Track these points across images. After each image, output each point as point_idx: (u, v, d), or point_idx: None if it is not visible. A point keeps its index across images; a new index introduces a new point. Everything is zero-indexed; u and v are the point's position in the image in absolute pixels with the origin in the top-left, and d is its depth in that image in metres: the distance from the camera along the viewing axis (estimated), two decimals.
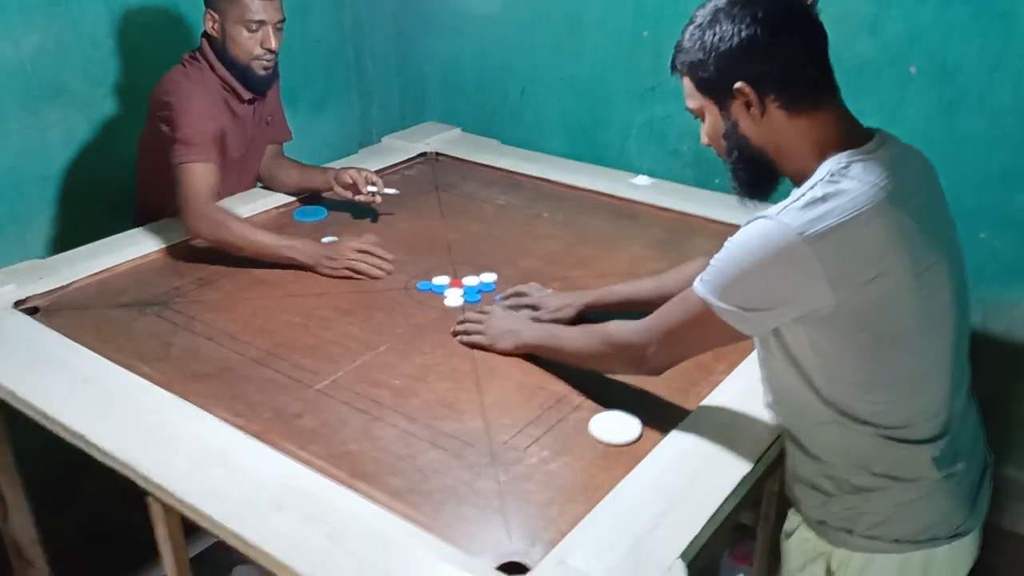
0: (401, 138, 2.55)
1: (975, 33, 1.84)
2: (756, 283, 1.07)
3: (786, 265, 1.03)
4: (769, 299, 1.07)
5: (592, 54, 2.44)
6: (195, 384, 1.43)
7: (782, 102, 1.10)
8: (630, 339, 1.25)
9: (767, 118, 1.11)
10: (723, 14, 1.10)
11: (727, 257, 1.10)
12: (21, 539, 1.75)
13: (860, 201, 1.03)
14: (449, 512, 1.16)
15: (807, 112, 1.10)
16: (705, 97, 1.15)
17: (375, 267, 1.78)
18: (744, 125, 1.13)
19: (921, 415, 1.12)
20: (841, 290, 1.03)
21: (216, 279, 1.78)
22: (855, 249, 1.03)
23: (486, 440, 1.30)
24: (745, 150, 1.15)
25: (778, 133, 1.12)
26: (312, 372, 1.46)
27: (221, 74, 1.93)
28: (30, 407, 1.36)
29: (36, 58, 2.08)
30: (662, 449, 1.24)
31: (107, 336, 1.56)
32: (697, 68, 1.13)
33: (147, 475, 1.20)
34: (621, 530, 1.09)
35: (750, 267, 1.06)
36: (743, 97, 1.10)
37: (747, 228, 1.08)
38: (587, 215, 2.08)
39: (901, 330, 1.08)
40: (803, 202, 1.04)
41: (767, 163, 1.15)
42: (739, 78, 1.09)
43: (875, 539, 1.15)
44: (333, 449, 1.28)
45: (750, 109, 1.11)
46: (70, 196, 2.20)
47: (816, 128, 1.10)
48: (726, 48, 1.09)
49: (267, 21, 1.87)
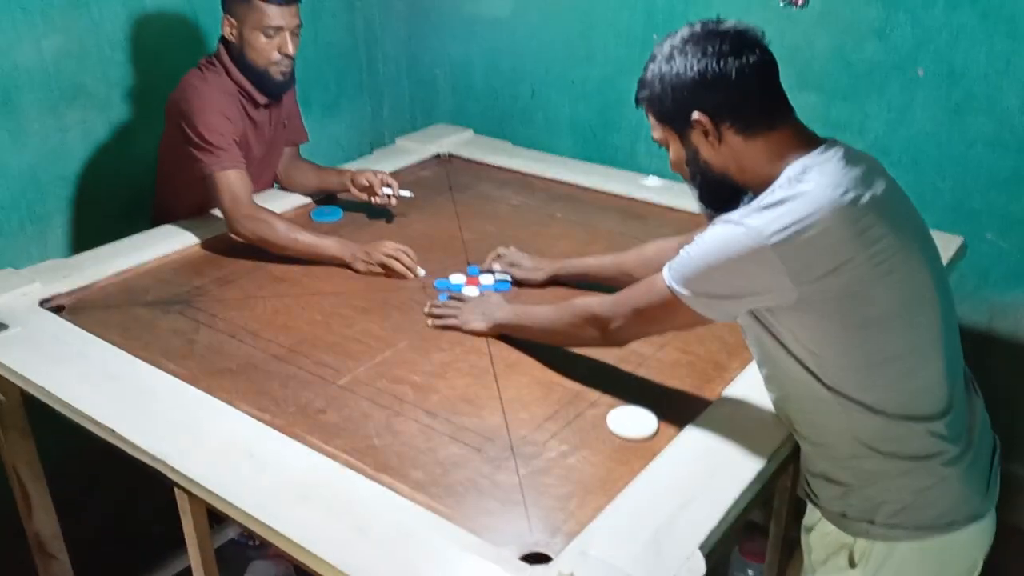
0: (414, 140, 2.57)
1: (983, 36, 1.87)
2: (721, 277, 1.15)
3: (749, 263, 1.11)
4: (733, 290, 1.15)
5: (602, 56, 2.47)
6: (219, 380, 1.46)
7: (737, 127, 1.18)
8: (597, 311, 1.35)
9: (724, 144, 1.19)
10: (677, 51, 1.18)
11: (695, 252, 1.17)
12: (44, 533, 1.78)
13: (817, 201, 1.09)
14: (471, 504, 1.19)
15: (762, 133, 1.18)
16: (666, 128, 1.24)
17: (406, 267, 1.80)
18: (704, 152, 1.21)
19: (921, 393, 1.16)
20: (802, 284, 1.09)
21: (236, 278, 1.81)
22: (813, 245, 1.09)
23: (505, 435, 1.32)
24: (707, 174, 1.23)
25: (737, 155, 1.20)
26: (334, 368, 1.49)
27: (237, 79, 1.95)
28: (60, 403, 1.39)
29: (57, 60, 2.11)
30: (678, 444, 1.27)
31: (132, 334, 1.59)
32: (656, 102, 1.22)
33: (176, 467, 1.23)
34: (640, 522, 1.11)
35: (715, 264, 1.14)
36: (700, 127, 1.19)
37: (713, 230, 1.16)
38: (599, 216, 2.11)
39: (880, 312, 1.12)
40: (764, 205, 1.12)
41: (729, 183, 1.23)
42: (695, 109, 1.18)
43: (896, 527, 1.18)
44: (356, 443, 1.30)
45: (708, 137, 1.19)
46: (89, 196, 2.24)
47: (772, 146, 1.18)
48: (681, 82, 1.18)
49: (284, 27, 1.90)
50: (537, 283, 1.76)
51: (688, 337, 1.56)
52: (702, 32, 1.19)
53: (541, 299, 1.70)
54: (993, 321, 2.05)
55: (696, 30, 1.19)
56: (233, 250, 1.92)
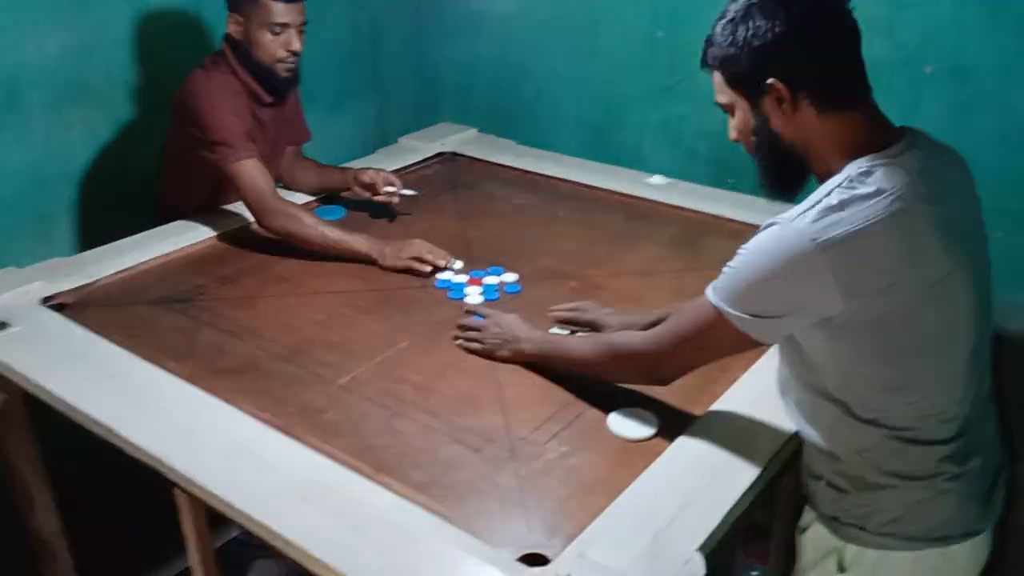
0: (418, 138, 2.57)
1: (990, 33, 1.85)
2: (768, 290, 1.08)
3: (798, 272, 1.04)
4: (781, 306, 1.08)
5: (607, 54, 2.46)
6: (221, 379, 1.45)
7: (813, 100, 1.09)
8: (639, 348, 1.26)
9: (798, 115, 1.11)
10: (756, 9, 1.09)
11: (740, 264, 1.10)
12: (46, 533, 1.78)
13: (876, 210, 1.03)
14: (470, 505, 1.18)
15: (837, 111, 1.10)
16: (736, 92, 1.15)
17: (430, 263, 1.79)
18: (775, 121, 1.13)
19: (935, 418, 1.12)
20: (852, 299, 1.03)
21: (238, 277, 1.81)
22: (867, 259, 1.03)
23: (505, 435, 1.32)
24: (775, 146, 1.15)
25: (808, 131, 1.11)
26: (335, 368, 1.49)
27: (243, 78, 1.95)
28: (60, 401, 1.39)
29: (60, 58, 2.11)
30: (679, 445, 1.26)
31: (133, 332, 1.59)
32: (729, 63, 1.13)
33: (175, 467, 1.22)
34: (639, 524, 1.10)
35: (763, 274, 1.07)
36: (775, 93, 1.10)
37: (761, 234, 1.09)
38: (603, 214, 2.10)
39: (916, 338, 1.08)
40: (819, 209, 1.04)
41: (796, 160, 1.15)
42: (772, 74, 1.09)
43: (888, 536, 1.16)
44: (356, 443, 1.30)
45: (782, 105, 1.11)
46: (92, 194, 2.23)
47: (845, 128, 1.10)
48: (759, 44, 1.09)
49: (291, 24, 1.90)
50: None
51: None
52: None
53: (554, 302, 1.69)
54: (1003, 321, 2.02)
55: None
56: (236, 248, 1.92)
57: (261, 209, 1.87)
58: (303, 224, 1.85)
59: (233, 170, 1.86)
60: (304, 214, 1.87)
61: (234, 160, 1.86)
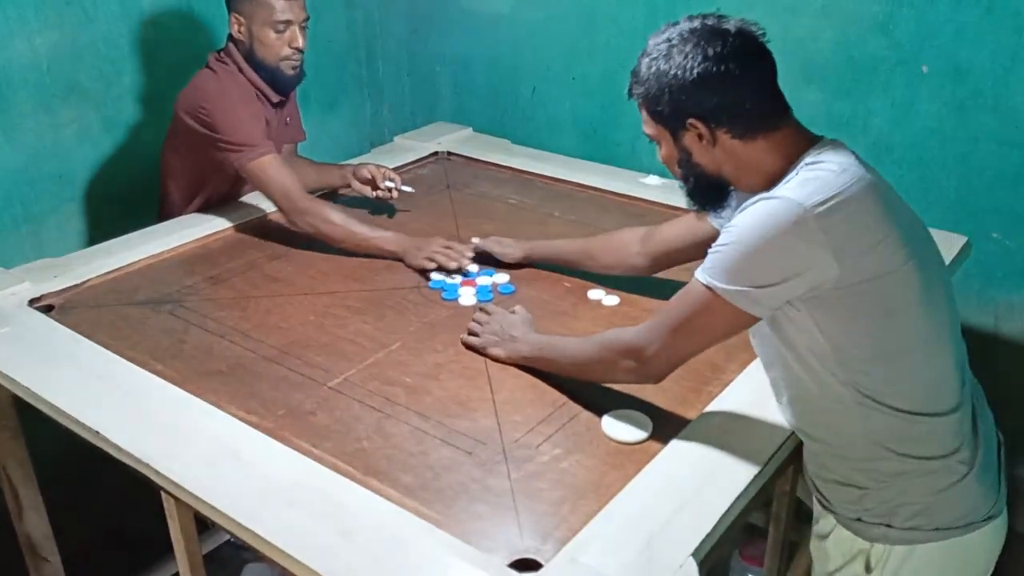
0: (413, 137, 2.55)
1: (987, 32, 1.84)
2: (764, 258, 1.08)
3: (793, 237, 1.05)
4: (777, 273, 1.07)
5: (603, 53, 2.44)
6: (208, 381, 1.43)
7: (734, 133, 1.14)
8: (630, 341, 1.25)
9: (719, 147, 1.16)
10: (676, 49, 1.14)
11: (731, 239, 1.10)
12: (35, 535, 1.76)
13: (847, 178, 1.07)
14: (461, 509, 1.16)
15: (761, 136, 1.14)
16: (658, 126, 1.20)
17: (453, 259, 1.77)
18: (697, 154, 1.18)
19: (934, 386, 1.14)
20: (844, 259, 1.05)
21: (228, 277, 1.79)
22: (856, 219, 1.06)
23: (498, 438, 1.30)
24: (699, 176, 1.21)
25: (733, 158, 1.16)
26: (325, 370, 1.47)
27: (251, 78, 1.94)
28: (45, 403, 1.37)
29: (51, 56, 2.09)
30: (673, 448, 1.24)
31: (121, 334, 1.57)
32: (651, 100, 1.18)
33: (161, 471, 1.20)
34: (633, 528, 1.09)
35: (758, 243, 1.07)
36: (695, 130, 1.15)
37: (748, 210, 1.10)
38: (598, 214, 2.08)
39: (902, 301, 1.10)
40: (797, 182, 1.08)
41: (721, 184, 1.21)
42: (691, 112, 1.14)
43: (915, 529, 1.16)
44: (346, 446, 1.28)
45: (702, 140, 1.16)
46: (84, 195, 2.22)
47: (775, 145, 1.15)
48: (678, 83, 1.13)
49: (293, 21, 1.88)
50: (513, 261, 1.80)
51: None
52: (703, 30, 1.14)
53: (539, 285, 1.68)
54: (999, 321, 2.02)
55: (696, 26, 1.15)
56: (226, 249, 1.91)
57: (290, 207, 1.86)
58: (331, 224, 1.83)
59: (254, 168, 1.85)
60: (332, 212, 1.85)
61: (256, 157, 1.85)
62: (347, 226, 1.83)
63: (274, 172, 1.85)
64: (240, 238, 1.95)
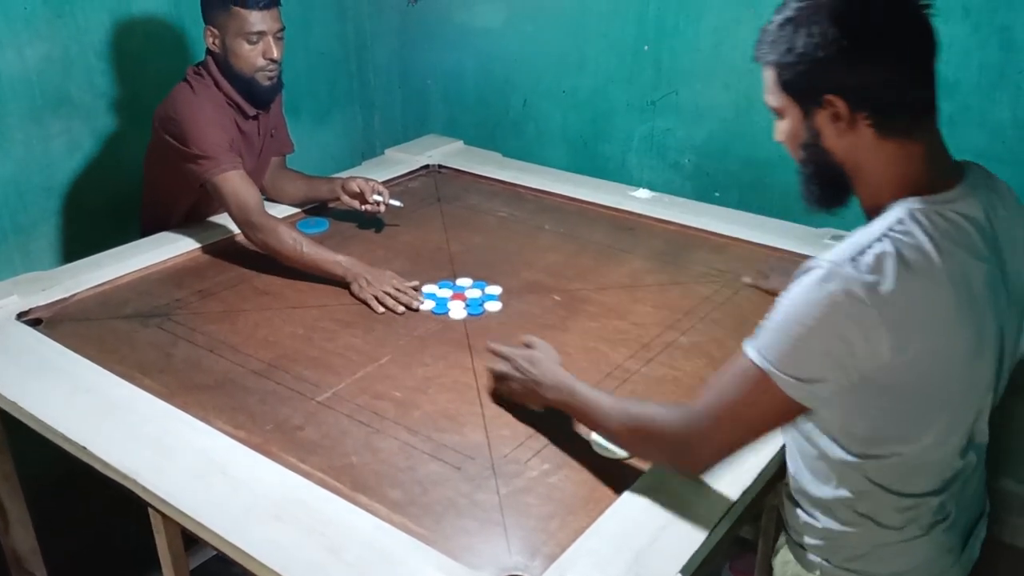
0: (403, 150, 2.55)
1: (974, 47, 1.85)
2: (820, 344, 0.95)
3: (852, 322, 0.93)
4: (833, 363, 0.95)
5: (593, 67, 2.46)
6: (196, 395, 1.43)
7: (874, 121, 0.99)
8: (670, 424, 1.10)
9: (853, 134, 1.00)
10: (826, 12, 0.97)
11: (784, 316, 0.97)
12: (21, 549, 1.75)
13: (932, 262, 0.94)
14: (449, 525, 1.16)
15: (898, 138, 1.00)
16: (788, 98, 1.04)
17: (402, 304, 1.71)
18: (827, 137, 1.02)
19: (923, 472, 1.06)
20: (899, 355, 0.94)
21: (218, 291, 1.79)
22: (921, 314, 0.94)
23: (487, 453, 1.30)
24: (824, 164, 1.05)
25: (861, 153, 1.02)
26: (314, 384, 1.47)
27: (227, 90, 1.93)
28: (32, 418, 1.36)
29: (41, 68, 2.09)
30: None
31: (109, 347, 1.57)
32: (785, 67, 1.01)
33: (147, 486, 1.20)
34: (621, 544, 1.09)
35: (814, 325, 0.94)
36: (832, 109, 1.00)
37: (805, 281, 0.97)
38: (588, 227, 2.09)
39: (942, 399, 1.00)
40: (871, 255, 0.94)
41: (842, 180, 1.05)
42: (831, 89, 0.98)
43: (851, 572, 1.11)
44: (334, 461, 1.28)
45: (837, 123, 1.00)
46: (73, 206, 2.21)
47: (903, 157, 1.01)
48: (823, 54, 0.97)
49: (267, 31, 1.88)
50: None
51: (674, 353, 1.54)
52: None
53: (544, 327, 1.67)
54: None
55: None
56: (215, 262, 1.90)
57: (244, 221, 1.85)
58: (280, 241, 1.81)
59: (217, 182, 1.84)
60: (284, 229, 1.84)
61: (218, 172, 1.84)
62: (297, 246, 1.81)
63: (234, 187, 1.84)
64: (229, 252, 1.95)
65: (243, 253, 1.92)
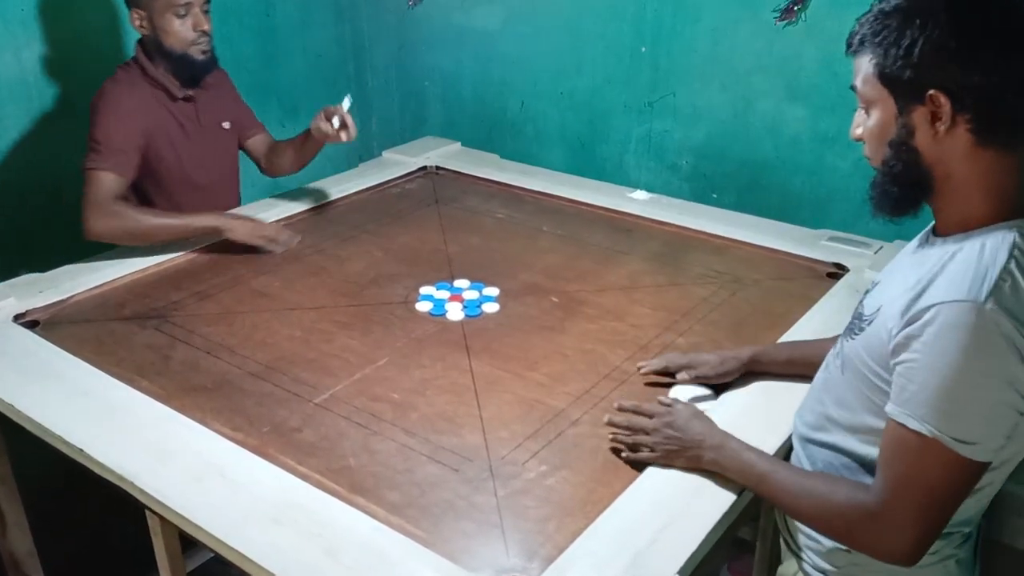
0: (401, 152, 2.55)
1: None
2: (983, 392, 0.90)
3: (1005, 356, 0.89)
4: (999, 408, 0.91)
5: (591, 69, 2.46)
6: (194, 397, 1.43)
7: (975, 126, 0.94)
8: (861, 498, 1.01)
9: (950, 138, 0.95)
10: (943, 6, 0.92)
11: (934, 372, 0.91)
12: (19, 552, 1.75)
13: None
14: (447, 527, 1.16)
15: (996, 147, 0.95)
16: (885, 90, 0.98)
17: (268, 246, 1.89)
18: (921, 137, 0.97)
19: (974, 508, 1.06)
20: None
21: (215, 292, 1.78)
22: None
23: (484, 454, 1.30)
24: (909, 165, 0.99)
25: (954, 159, 0.96)
26: (311, 386, 1.46)
27: (154, 74, 1.91)
28: (29, 420, 1.36)
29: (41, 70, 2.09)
30: None
31: (106, 349, 1.56)
32: (888, 56, 0.96)
33: (145, 489, 1.20)
34: (619, 545, 1.09)
35: (979, 379, 0.89)
36: (933, 107, 0.94)
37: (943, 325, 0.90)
38: (586, 229, 2.09)
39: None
40: (1007, 286, 0.90)
41: (924, 186, 0.99)
42: (938, 85, 0.93)
43: None
44: (332, 463, 1.27)
45: (936, 123, 0.95)
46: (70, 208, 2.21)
47: (1000, 170, 0.96)
48: (935, 48, 0.92)
49: (193, 3, 1.86)
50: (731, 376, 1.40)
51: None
52: None
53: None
54: None
55: None
56: (212, 264, 1.90)
57: (88, 214, 1.82)
58: (137, 218, 1.83)
59: (87, 175, 1.83)
60: (133, 210, 1.84)
61: (92, 166, 1.83)
62: (157, 217, 1.84)
63: (97, 185, 1.83)
64: (226, 253, 1.95)
65: (239, 255, 1.92)
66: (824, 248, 1.88)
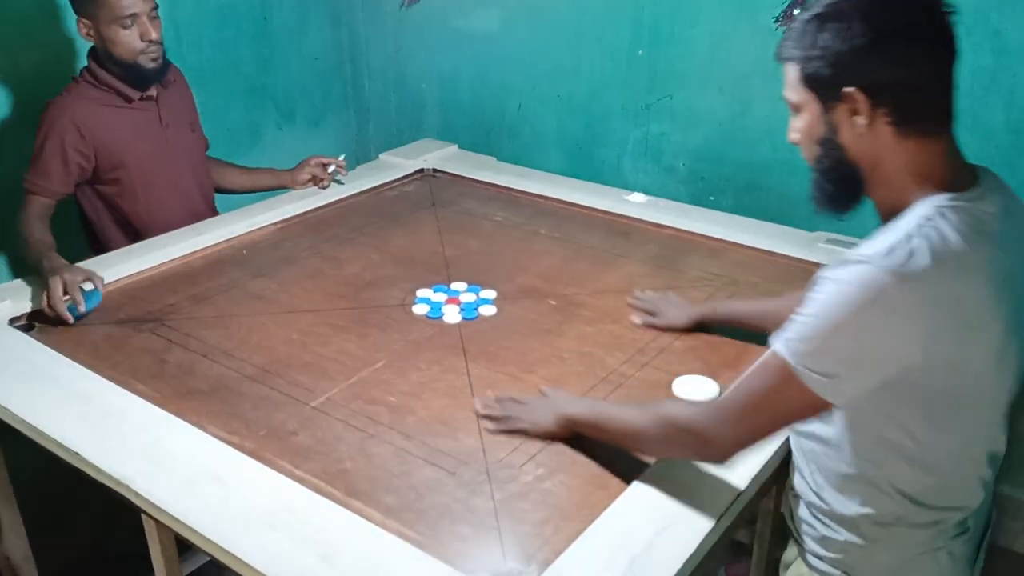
0: (398, 155, 2.55)
1: (967, 51, 1.82)
2: (849, 339, 0.95)
3: (885, 315, 0.93)
4: (862, 359, 0.96)
5: (588, 71, 2.46)
6: (190, 401, 1.42)
7: (894, 118, 1.00)
8: (692, 419, 1.10)
9: (872, 132, 1.01)
10: (853, 7, 0.98)
11: (816, 311, 0.97)
12: (14, 557, 1.74)
13: (962, 252, 0.94)
14: (443, 530, 1.15)
15: (917, 136, 1.00)
16: (809, 93, 1.04)
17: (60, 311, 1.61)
18: (844, 134, 1.03)
19: (953, 484, 1.08)
20: (931, 350, 0.94)
21: (211, 296, 1.78)
22: (957, 306, 0.94)
23: (481, 458, 1.29)
24: (838, 161, 1.05)
25: (879, 151, 1.02)
26: (308, 389, 1.46)
27: (105, 80, 1.91)
28: (24, 424, 1.35)
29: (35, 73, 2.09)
30: (656, 468, 1.23)
31: (102, 353, 1.56)
32: (808, 61, 1.02)
33: (141, 493, 1.19)
34: (616, 549, 1.08)
35: (844, 319, 0.94)
36: (851, 103, 1.00)
37: (838, 273, 0.96)
38: (584, 232, 2.09)
39: (970, 399, 1.01)
40: (904, 249, 0.94)
41: (856, 179, 1.05)
42: (852, 82, 0.99)
43: None
44: (328, 467, 1.27)
45: (855, 116, 1.01)
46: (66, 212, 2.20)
47: (922, 156, 1.01)
48: (847, 46, 0.98)
49: (140, 13, 1.85)
50: (681, 328, 1.58)
51: (670, 357, 1.54)
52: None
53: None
54: None
55: None
56: (208, 267, 1.90)
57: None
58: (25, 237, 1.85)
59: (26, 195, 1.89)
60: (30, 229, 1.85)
61: (27, 188, 1.89)
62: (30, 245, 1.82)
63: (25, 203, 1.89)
64: (222, 256, 1.95)
65: (237, 258, 1.92)
66: (821, 250, 1.88)
